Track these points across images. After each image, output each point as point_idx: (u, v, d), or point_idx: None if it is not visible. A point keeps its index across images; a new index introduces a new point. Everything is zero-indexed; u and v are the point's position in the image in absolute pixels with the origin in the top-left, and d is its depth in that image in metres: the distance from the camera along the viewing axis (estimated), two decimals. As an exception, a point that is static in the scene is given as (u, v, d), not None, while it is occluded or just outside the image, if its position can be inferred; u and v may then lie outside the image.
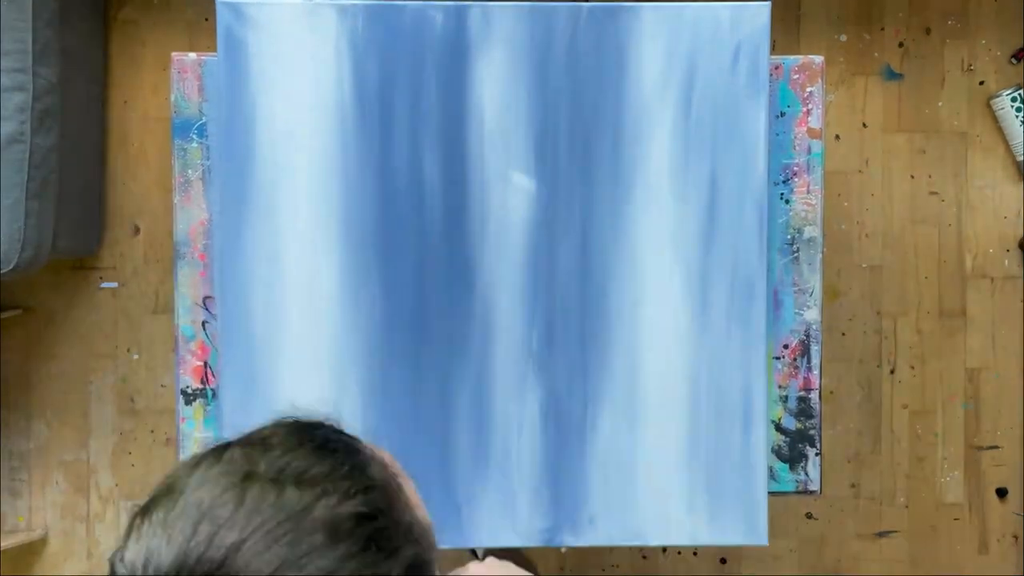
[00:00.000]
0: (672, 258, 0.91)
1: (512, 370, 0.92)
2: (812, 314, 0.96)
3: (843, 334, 1.72)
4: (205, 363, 0.95)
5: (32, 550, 1.68)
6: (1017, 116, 1.68)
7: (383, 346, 0.91)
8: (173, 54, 0.94)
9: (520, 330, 0.91)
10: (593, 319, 0.92)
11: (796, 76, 0.94)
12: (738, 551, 1.70)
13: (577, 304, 0.91)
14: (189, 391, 0.95)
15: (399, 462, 0.55)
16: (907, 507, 1.72)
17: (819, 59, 0.94)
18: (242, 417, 0.91)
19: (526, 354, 0.92)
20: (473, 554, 0.94)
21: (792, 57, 0.95)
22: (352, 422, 0.91)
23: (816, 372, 0.96)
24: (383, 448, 0.54)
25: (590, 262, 0.91)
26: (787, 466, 0.96)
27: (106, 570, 0.43)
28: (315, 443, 0.47)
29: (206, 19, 1.67)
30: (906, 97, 1.72)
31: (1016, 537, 1.73)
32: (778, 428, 0.96)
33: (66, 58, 1.45)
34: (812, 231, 0.95)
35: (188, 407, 0.95)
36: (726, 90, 0.90)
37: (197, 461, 0.46)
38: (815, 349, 0.96)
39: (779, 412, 0.96)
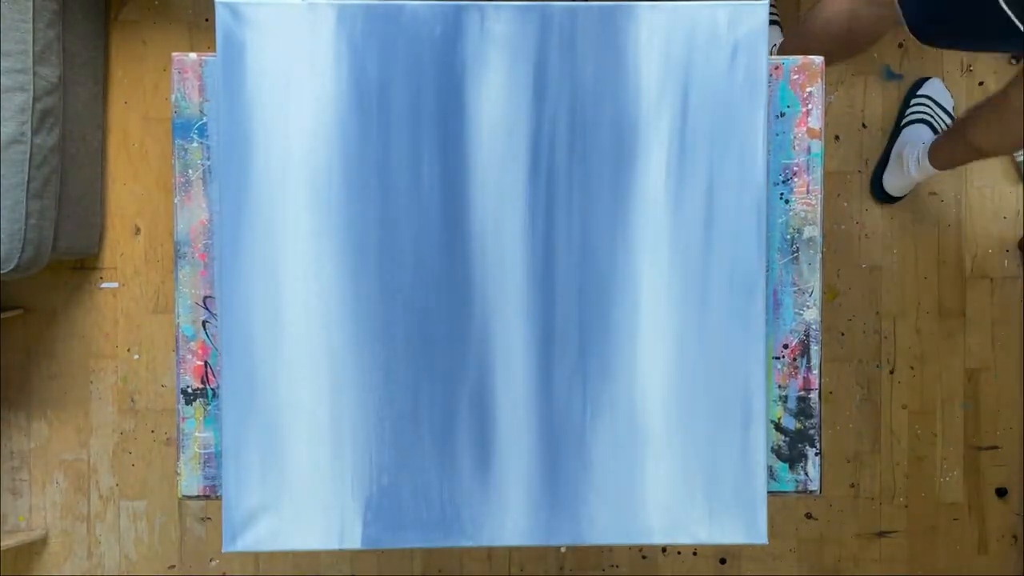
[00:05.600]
0: (671, 258, 0.91)
1: (512, 370, 0.92)
2: (812, 314, 0.96)
3: (843, 334, 1.72)
4: (206, 363, 0.96)
5: (32, 550, 1.68)
6: (1016, 116, 1.68)
7: (383, 346, 0.91)
8: (173, 54, 0.95)
9: (520, 329, 0.92)
10: (593, 318, 0.92)
11: (796, 76, 0.95)
12: (738, 551, 1.70)
13: (576, 303, 0.92)
14: (190, 391, 0.95)
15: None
16: (907, 507, 1.72)
17: (819, 59, 0.94)
18: (243, 417, 0.91)
19: (526, 353, 0.92)
20: None
21: (792, 57, 0.95)
22: (352, 421, 0.92)
23: (816, 372, 0.96)
24: None
25: (589, 260, 0.91)
26: (787, 466, 0.97)
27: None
28: None
29: (206, 19, 1.67)
30: (905, 96, 1.72)
31: (1016, 537, 1.73)
32: (778, 428, 0.97)
33: (67, 58, 1.46)
34: (812, 231, 0.96)
35: (189, 407, 0.95)
36: (724, 90, 0.90)
37: None
38: (815, 349, 0.96)
39: (779, 412, 0.96)
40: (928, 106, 1.67)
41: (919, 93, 1.69)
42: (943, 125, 1.67)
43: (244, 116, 0.91)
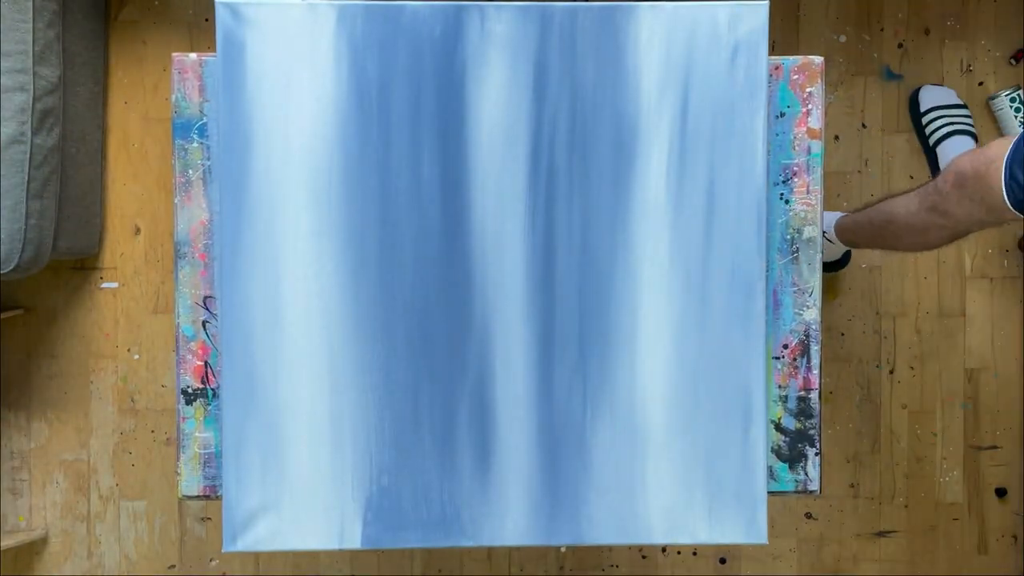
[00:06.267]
0: (671, 258, 0.91)
1: (512, 369, 0.92)
2: (812, 314, 0.96)
3: (843, 334, 1.72)
4: (206, 363, 0.96)
5: (32, 550, 1.68)
6: (1016, 116, 1.68)
7: (383, 346, 0.91)
8: (174, 54, 0.95)
9: (520, 330, 0.92)
10: (592, 318, 0.92)
11: (796, 76, 0.95)
12: (737, 551, 1.70)
13: (576, 303, 0.92)
14: (190, 391, 0.95)
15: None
16: (906, 507, 1.72)
17: (819, 59, 0.94)
18: (243, 417, 0.91)
19: (526, 353, 0.92)
20: None
21: (792, 57, 0.95)
22: (352, 421, 0.92)
23: (816, 372, 0.96)
24: None
25: (590, 260, 0.92)
26: (787, 466, 0.97)
27: None
28: None
29: (206, 19, 1.67)
30: (905, 98, 1.72)
31: (1016, 537, 1.73)
32: (778, 428, 0.97)
33: (67, 58, 1.46)
34: (812, 231, 0.96)
35: (189, 407, 0.95)
36: (725, 90, 0.90)
37: None
38: (815, 349, 0.96)
39: (779, 412, 0.96)
40: (943, 116, 1.67)
41: (925, 110, 1.69)
42: (966, 123, 1.67)
43: (244, 116, 0.91)
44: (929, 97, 1.69)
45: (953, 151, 1.65)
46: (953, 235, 1.25)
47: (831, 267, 1.68)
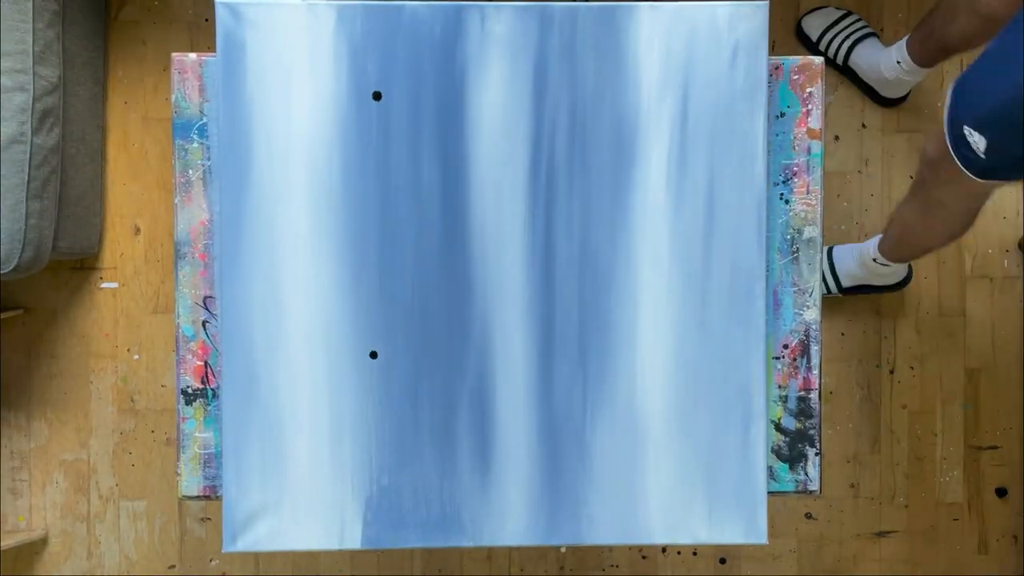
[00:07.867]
0: (671, 258, 0.91)
1: (512, 369, 0.92)
2: (812, 314, 0.96)
3: (843, 334, 1.72)
4: (206, 363, 0.96)
5: (32, 550, 1.68)
6: (1016, 116, 1.68)
7: (383, 346, 0.91)
8: (173, 54, 0.95)
9: (520, 330, 0.92)
10: (592, 318, 0.92)
11: (796, 76, 0.95)
12: (737, 551, 1.70)
13: (576, 303, 0.92)
14: (190, 391, 0.95)
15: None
16: (907, 507, 1.72)
17: (819, 60, 0.94)
18: (243, 417, 0.91)
19: (526, 353, 0.92)
20: None
21: (792, 57, 0.95)
22: (352, 421, 0.92)
23: (816, 372, 0.96)
24: None
25: (590, 260, 0.91)
26: (787, 466, 0.97)
27: None
28: None
29: (206, 19, 1.67)
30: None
31: (1016, 537, 1.73)
32: (778, 428, 0.97)
33: (67, 58, 1.46)
34: (812, 231, 0.96)
35: (189, 407, 0.95)
36: (725, 90, 0.90)
37: None
38: (815, 349, 0.96)
39: (779, 412, 0.96)
40: (837, 33, 1.65)
41: (817, 38, 1.67)
42: (861, 28, 1.65)
43: (244, 116, 0.91)
44: (814, 24, 1.69)
45: (866, 59, 1.64)
46: (963, 216, 1.21)
47: (899, 286, 1.65)
